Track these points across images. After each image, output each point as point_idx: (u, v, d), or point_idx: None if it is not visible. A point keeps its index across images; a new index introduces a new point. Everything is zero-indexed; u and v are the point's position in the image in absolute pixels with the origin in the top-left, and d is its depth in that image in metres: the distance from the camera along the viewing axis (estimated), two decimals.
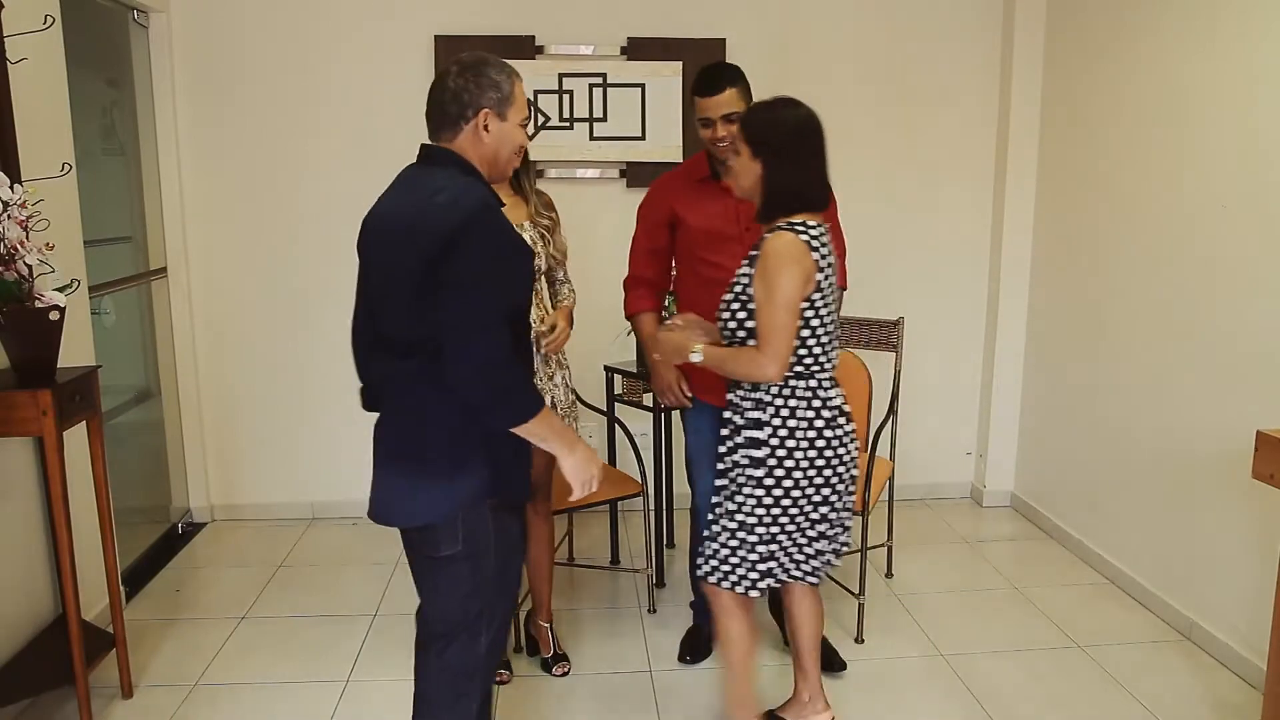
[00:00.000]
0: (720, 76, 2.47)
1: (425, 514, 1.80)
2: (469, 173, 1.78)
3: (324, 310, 3.88)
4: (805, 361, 2.10)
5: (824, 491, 2.15)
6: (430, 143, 1.83)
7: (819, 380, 2.12)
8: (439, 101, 1.79)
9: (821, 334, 2.10)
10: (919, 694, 2.70)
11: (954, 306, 4.13)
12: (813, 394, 2.11)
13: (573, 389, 2.76)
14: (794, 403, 2.11)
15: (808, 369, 2.11)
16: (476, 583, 1.85)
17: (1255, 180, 2.69)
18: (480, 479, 1.79)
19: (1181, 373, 3.01)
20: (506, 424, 1.74)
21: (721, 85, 2.45)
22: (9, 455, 2.54)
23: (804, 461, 2.11)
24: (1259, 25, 2.67)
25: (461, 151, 1.79)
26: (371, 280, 1.83)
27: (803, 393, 2.11)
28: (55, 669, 2.44)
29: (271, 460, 3.99)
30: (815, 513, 2.16)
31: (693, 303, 2.58)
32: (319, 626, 3.09)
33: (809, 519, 2.16)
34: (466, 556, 1.82)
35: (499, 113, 1.78)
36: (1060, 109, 3.74)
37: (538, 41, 3.77)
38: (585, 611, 3.17)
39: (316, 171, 3.80)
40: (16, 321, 2.25)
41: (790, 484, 2.12)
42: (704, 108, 2.48)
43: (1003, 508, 4.16)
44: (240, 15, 3.69)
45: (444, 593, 1.86)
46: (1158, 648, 2.94)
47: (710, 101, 2.46)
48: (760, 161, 2.08)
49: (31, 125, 2.56)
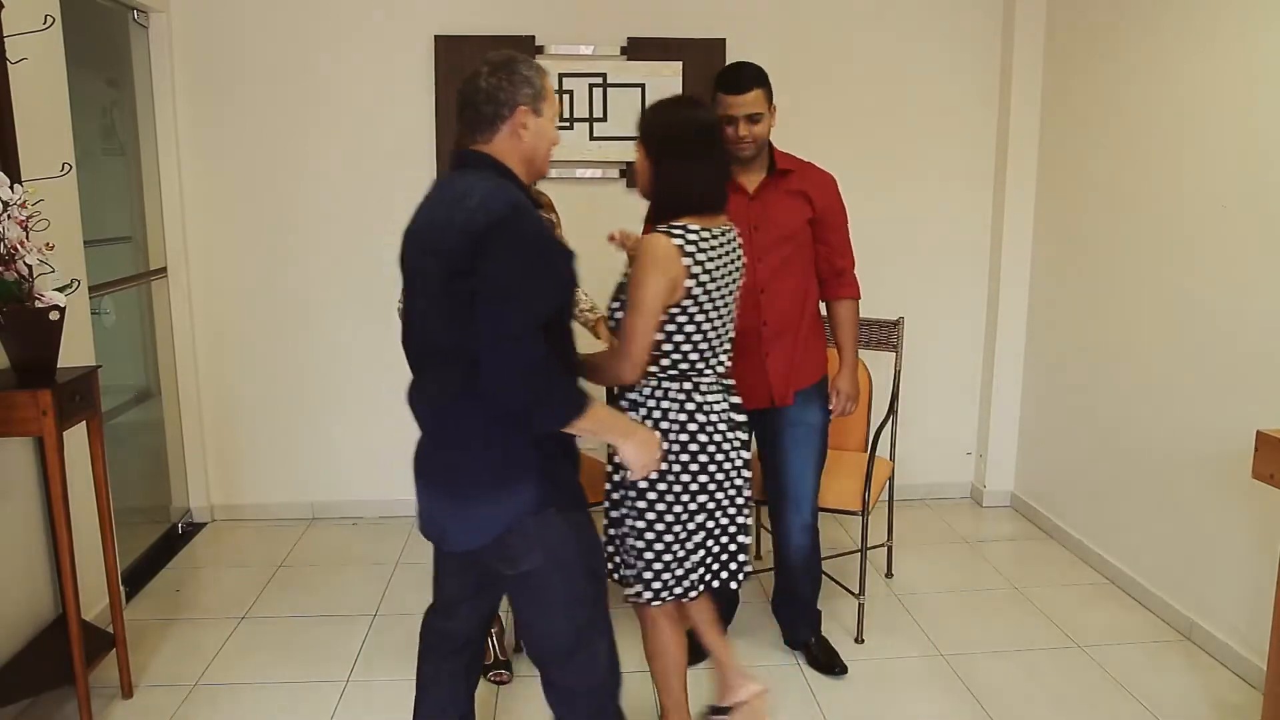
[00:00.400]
0: (747, 76, 2.46)
1: (484, 532, 1.75)
2: (503, 175, 1.75)
3: (324, 310, 3.88)
4: (681, 365, 2.07)
5: (700, 498, 2.11)
6: (463, 148, 1.79)
7: (695, 383, 2.10)
8: (473, 103, 1.75)
9: (698, 338, 2.06)
10: (919, 694, 2.70)
11: (954, 306, 4.13)
12: (687, 397, 2.09)
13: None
14: (666, 404, 2.09)
15: (682, 372, 2.08)
16: (573, 591, 1.81)
17: (1255, 180, 2.69)
18: (536, 487, 1.74)
19: (1181, 373, 3.01)
20: (551, 426, 1.71)
21: (749, 85, 2.45)
22: (9, 455, 2.54)
23: (675, 465, 2.08)
24: (1259, 25, 2.67)
25: (498, 153, 1.75)
26: (412, 292, 1.81)
27: (675, 395, 2.08)
28: (55, 669, 2.44)
29: (271, 460, 3.99)
30: (692, 521, 2.12)
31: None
32: (319, 626, 3.09)
33: (694, 523, 2.13)
34: (551, 567, 1.77)
35: (534, 109, 1.76)
36: (1060, 108, 3.74)
37: (538, 41, 3.77)
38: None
39: (316, 171, 3.81)
40: (16, 321, 2.25)
41: (664, 488, 2.09)
42: (729, 105, 2.46)
43: (1003, 508, 4.16)
44: (240, 15, 3.69)
45: (544, 610, 1.82)
46: (1158, 648, 2.94)
47: (736, 100, 2.45)
48: (650, 161, 2.06)
49: (31, 125, 2.56)
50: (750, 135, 2.48)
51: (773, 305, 2.59)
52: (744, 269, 2.20)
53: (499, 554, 1.77)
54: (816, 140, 3.17)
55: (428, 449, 1.83)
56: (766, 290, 2.57)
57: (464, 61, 3.71)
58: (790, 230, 2.60)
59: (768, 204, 2.59)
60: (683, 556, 2.15)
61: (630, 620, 2.31)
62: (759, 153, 2.56)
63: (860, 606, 2.99)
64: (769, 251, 2.57)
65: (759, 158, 2.58)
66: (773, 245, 2.57)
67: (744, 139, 2.48)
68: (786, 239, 2.59)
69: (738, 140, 2.48)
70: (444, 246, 1.65)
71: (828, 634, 2.90)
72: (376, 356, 3.83)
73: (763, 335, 2.60)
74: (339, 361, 3.94)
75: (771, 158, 2.60)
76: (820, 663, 2.81)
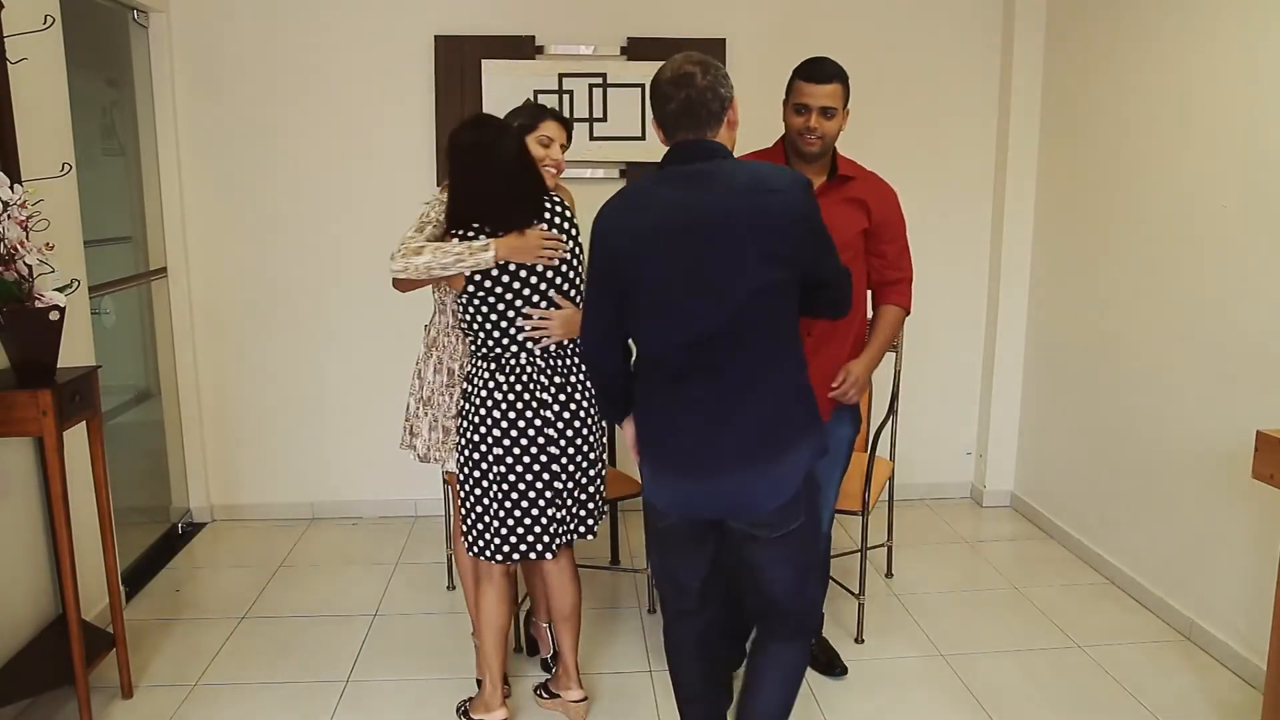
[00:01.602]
0: (830, 68, 2.40)
1: (792, 483, 1.88)
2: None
3: (324, 310, 3.88)
4: (487, 344, 2.28)
5: (507, 477, 2.28)
6: (691, 140, 1.86)
7: (500, 364, 2.28)
8: (700, 101, 1.83)
9: (488, 323, 2.25)
10: (919, 694, 2.70)
11: (954, 306, 4.13)
12: (490, 375, 2.28)
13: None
14: (473, 381, 2.31)
15: (488, 351, 2.29)
16: (815, 543, 2.04)
17: (1255, 180, 2.69)
18: (814, 440, 1.91)
19: (1181, 373, 3.01)
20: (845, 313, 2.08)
21: (831, 77, 2.39)
22: (9, 455, 2.54)
23: (474, 436, 2.28)
24: (1258, 25, 2.67)
25: (723, 142, 1.89)
26: (681, 275, 1.81)
27: (481, 373, 2.29)
28: (55, 669, 2.44)
29: (271, 460, 3.99)
30: (501, 491, 2.29)
31: None
32: (319, 626, 3.09)
33: (505, 496, 2.30)
34: (809, 522, 1.94)
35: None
36: (1060, 109, 3.74)
37: (538, 41, 3.77)
38: (585, 611, 3.15)
39: (317, 171, 3.80)
40: (16, 321, 2.25)
41: (463, 458, 2.32)
42: (807, 93, 2.38)
43: (1003, 508, 4.16)
44: (240, 15, 3.69)
45: (795, 569, 1.97)
46: (1158, 648, 2.94)
47: (817, 89, 2.38)
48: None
49: (31, 125, 2.56)
50: (820, 129, 2.40)
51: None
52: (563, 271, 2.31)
53: (787, 512, 1.89)
54: None
55: (716, 432, 1.86)
56: None
57: (464, 61, 3.72)
58: (844, 239, 2.43)
59: (824, 209, 2.53)
60: (527, 522, 2.34)
61: (632, 621, 2.31)
62: (825, 152, 2.47)
63: (860, 606, 2.99)
64: None
65: (823, 158, 2.49)
66: None
67: (813, 131, 2.39)
68: (840, 247, 2.53)
69: (806, 131, 2.40)
70: (766, 223, 1.80)
71: (828, 635, 2.90)
72: (377, 356, 3.83)
73: (805, 346, 2.53)
74: (339, 361, 3.94)
75: (834, 161, 2.52)
76: (821, 663, 2.81)
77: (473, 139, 2.23)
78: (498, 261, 2.20)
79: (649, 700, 2.66)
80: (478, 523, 2.34)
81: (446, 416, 2.47)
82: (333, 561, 3.61)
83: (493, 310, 2.24)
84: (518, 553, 2.33)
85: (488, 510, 2.32)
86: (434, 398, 2.49)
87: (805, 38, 3.86)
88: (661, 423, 1.92)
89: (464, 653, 2.87)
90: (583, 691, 2.55)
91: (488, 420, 2.26)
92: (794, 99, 2.42)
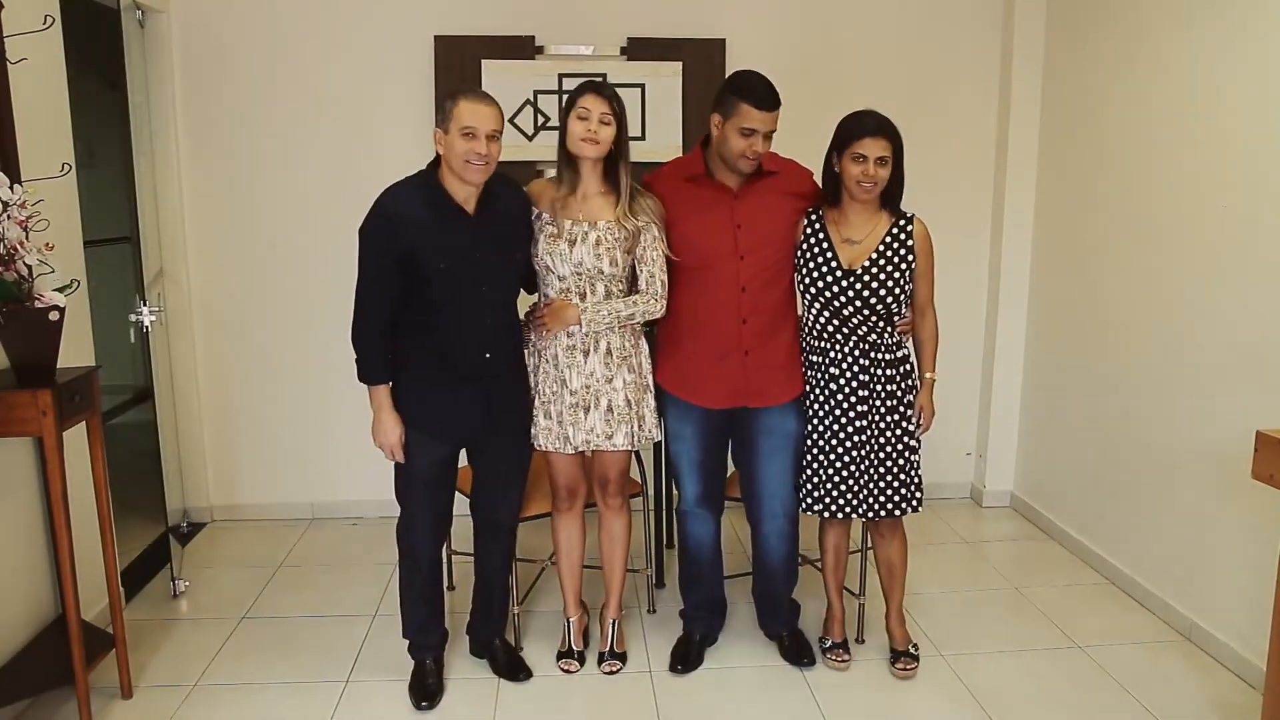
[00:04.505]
0: (776, 95, 2.44)
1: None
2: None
3: (324, 310, 3.87)
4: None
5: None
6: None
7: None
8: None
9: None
10: (919, 694, 2.70)
11: (954, 306, 4.10)
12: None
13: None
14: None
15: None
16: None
17: (1256, 180, 2.69)
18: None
19: (1181, 373, 3.01)
20: None
21: (778, 103, 2.44)
22: (9, 455, 2.54)
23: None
24: (1259, 25, 2.67)
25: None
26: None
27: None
28: (55, 669, 2.44)
29: (271, 460, 3.99)
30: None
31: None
32: (319, 626, 3.09)
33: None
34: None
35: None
36: (1060, 109, 3.74)
37: (538, 41, 3.77)
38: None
39: (316, 171, 3.80)
40: (16, 321, 2.25)
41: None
42: (753, 118, 2.42)
43: (1003, 508, 4.16)
44: (240, 15, 3.69)
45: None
46: (1158, 648, 2.94)
47: (766, 115, 2.43)
48: None
49: (31, 125, 2.56)
50: (763, 152, 2.47)
51: (755, 305, 2.58)
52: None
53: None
54: (816, 140, 3.15)
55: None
56: (749, 289, 2.57)
57: (464, 62, 3.71)
58: (780, 231, 2.60)
59: (753, 204, 2.57)
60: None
61: (632, 622, 2.29)
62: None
63: (860, 606, 2.99)
64: (753, 251, 2.56)
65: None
66: (758, 245, 2.56)
67: (757, 154, 2.46)
68: (774, 240, 2.59)
69: (749, 153, 2.45)
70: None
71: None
72: None
73: (743, 333, 2.60)
74: (339, 361, 3.91)
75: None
76: (791, 654, 2.83)
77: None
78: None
79: (649, 700, 2.66)
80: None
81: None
82: (333, 561, 3.60)
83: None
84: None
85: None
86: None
87: (805, 38, 3.87)
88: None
89: (464, 652, 2.87)
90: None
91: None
92: (740, 122, 2.43)
